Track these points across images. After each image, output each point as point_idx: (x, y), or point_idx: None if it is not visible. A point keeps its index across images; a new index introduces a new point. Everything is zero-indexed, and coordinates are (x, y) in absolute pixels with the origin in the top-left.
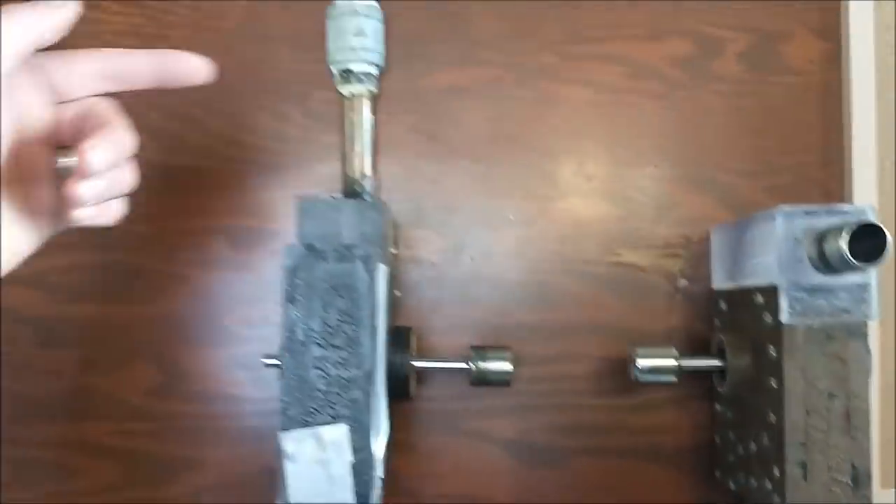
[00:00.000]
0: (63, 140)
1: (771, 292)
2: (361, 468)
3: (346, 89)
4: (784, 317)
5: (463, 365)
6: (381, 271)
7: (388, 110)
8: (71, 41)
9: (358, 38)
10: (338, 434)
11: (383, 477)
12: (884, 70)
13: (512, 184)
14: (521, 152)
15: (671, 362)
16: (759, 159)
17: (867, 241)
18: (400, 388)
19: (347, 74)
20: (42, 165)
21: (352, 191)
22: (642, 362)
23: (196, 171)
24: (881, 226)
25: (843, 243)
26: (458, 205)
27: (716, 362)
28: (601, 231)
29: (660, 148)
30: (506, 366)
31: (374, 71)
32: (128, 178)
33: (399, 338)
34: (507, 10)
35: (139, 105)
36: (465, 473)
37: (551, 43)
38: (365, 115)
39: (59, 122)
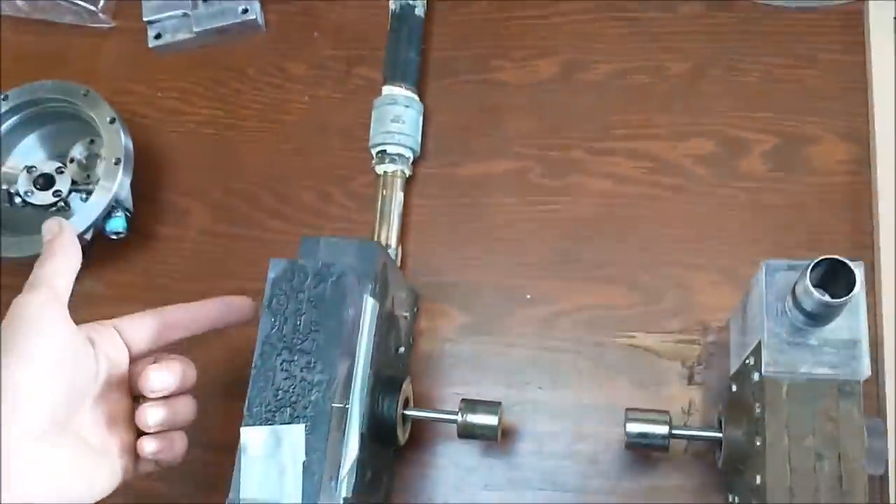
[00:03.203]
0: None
1: (758, 350)
2: (313, 469)
3: (380, 168)
4: (765, 369)
5: (452, 416)
6: (368, 303)
7: (420, 194)
8: (164, 129)
9: (395, 123)
10: (294, 433)
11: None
12: None
13: (532, 266)
14: (544, 237)
15: (662, 429)
16: (784, 253)
17: (843, 282)
18: (387, 433)
19: (383, 155)
20: (121, 411)
21: None
22: (632, 427)
23: (244, 239)
24: (845, 260)
25: (808, 280)
26: (480, 284)
27: (711, 433)
28: (617, 315)
29: (680, 238)
30: (492, 420)
31: (407, 154)
32: (187, 409)
33: (390, 385)
34: (541, 111)
35: (204, 182)
36: None
37: (578, 140)
38: (396, 192)
39: (135, 375)
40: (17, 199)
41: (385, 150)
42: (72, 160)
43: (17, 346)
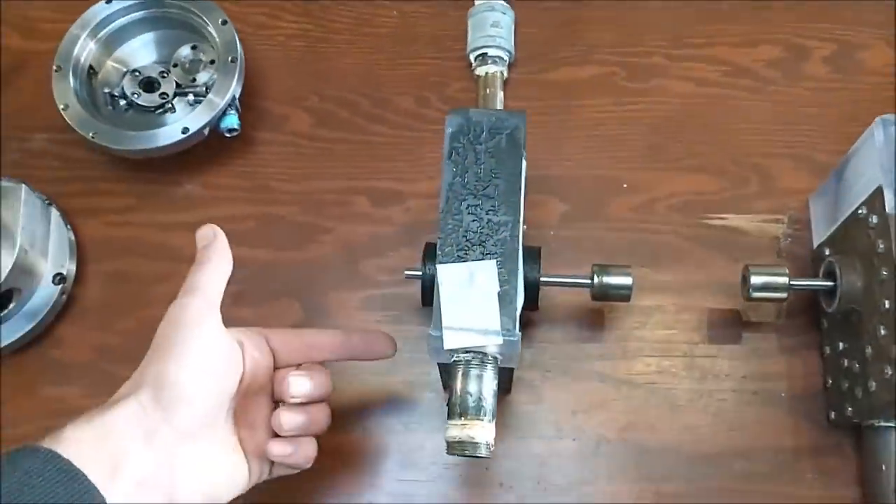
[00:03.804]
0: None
1: (876, 197)
2: (507, 299)
3: (481, 70)
4: (889, 206)
5: (585, 280)
6: (523, 164)
7: (514, 96)
8: (254, 42)
9: (494, 28)
10: (487, 267)
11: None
12: None
13: (626, 159)
14: (634, 133)
15: (783, 280)
16: (851, 141)
17: None
18: (530, 295)
19: (483, 57)
20: (262, 415)
21: None
22: (756, 279)
23: (345, 142)
24: None
25: None
26: (577, 176)
27: (826, 282)
28: (707, 199)
29: (758, 131)
30: (626, 280)
31: (505, 56)
32: (322, 417)
33: (530, 251)
34: (620, 20)
35: (303, 90)
36: (579, 409)
37: (658, 47)
38: (497, 90)
39: (277, 382)
40: (122, 102)
41: (486, 53)
42: (175, 65)
43: (174, 348)
